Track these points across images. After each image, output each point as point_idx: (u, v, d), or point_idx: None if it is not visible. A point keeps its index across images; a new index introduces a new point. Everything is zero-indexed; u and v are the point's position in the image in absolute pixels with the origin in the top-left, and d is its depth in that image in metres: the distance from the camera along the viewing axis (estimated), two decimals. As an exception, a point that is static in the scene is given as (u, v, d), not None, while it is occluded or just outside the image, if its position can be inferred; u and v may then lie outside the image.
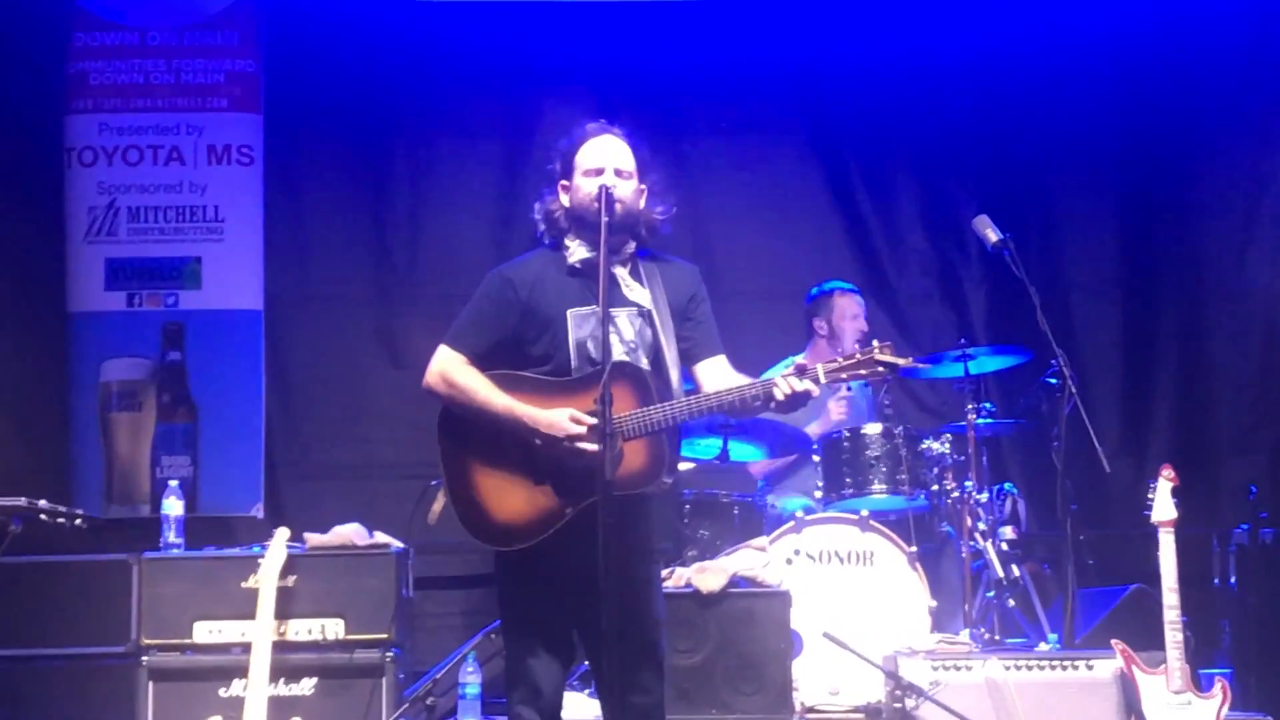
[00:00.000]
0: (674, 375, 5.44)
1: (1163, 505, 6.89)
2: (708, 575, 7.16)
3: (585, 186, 5.46)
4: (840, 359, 5.31)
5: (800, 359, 7.00)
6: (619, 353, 5.32)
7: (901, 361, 5.31)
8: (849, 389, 8.80)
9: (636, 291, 5.50)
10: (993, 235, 7.80)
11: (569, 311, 5.45)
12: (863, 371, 5.32)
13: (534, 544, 5.34)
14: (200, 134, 9.11)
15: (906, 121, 9.86)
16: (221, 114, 9.15)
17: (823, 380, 5.27)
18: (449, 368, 5.48)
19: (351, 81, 9.50)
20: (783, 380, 5.22)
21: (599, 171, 5.47)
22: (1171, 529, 6.85)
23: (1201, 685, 6.75)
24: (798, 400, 5.26)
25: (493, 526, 5.40)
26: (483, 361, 5.47)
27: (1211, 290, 9.63)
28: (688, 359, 5.57)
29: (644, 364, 5.40)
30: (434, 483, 6.06)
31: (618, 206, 5.35)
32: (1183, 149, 9.78)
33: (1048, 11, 9.67)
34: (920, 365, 5.70)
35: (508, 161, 9.37)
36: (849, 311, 8.85)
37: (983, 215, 7.91)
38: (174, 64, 9.15)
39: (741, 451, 8.27)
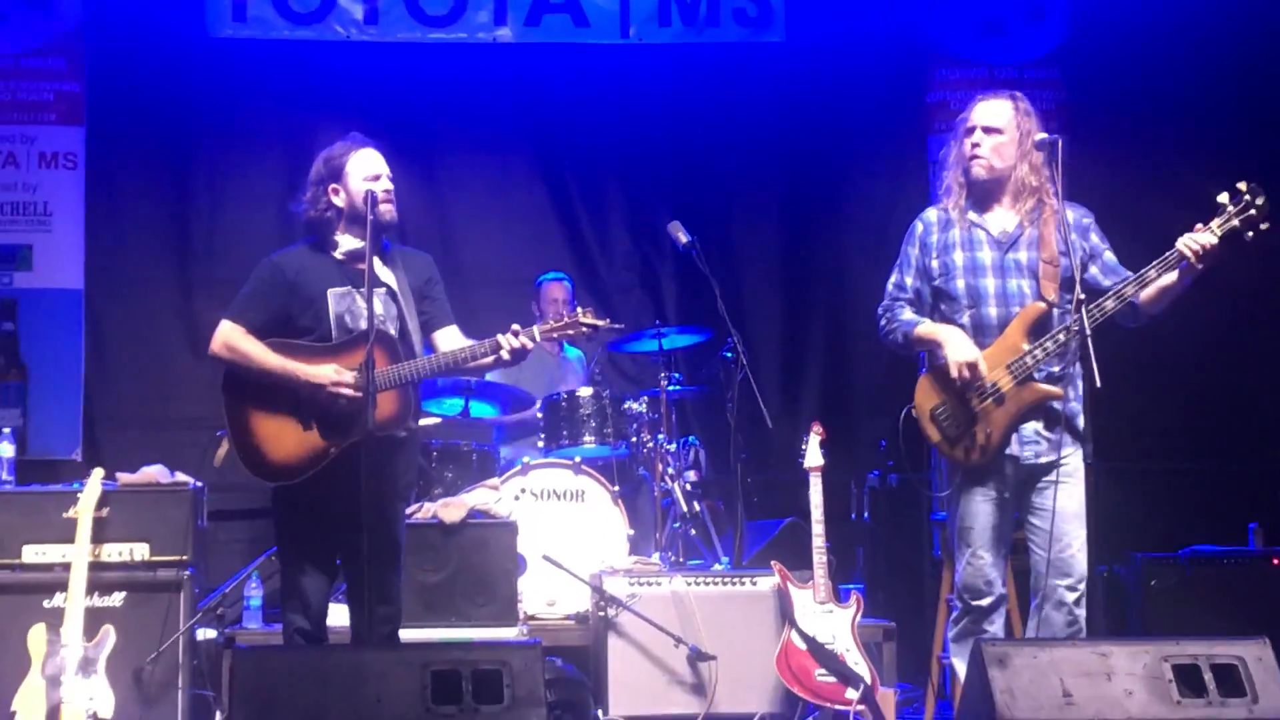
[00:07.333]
0: (416, 341, 5.48)
1: (813, 455, 6.91)
2: (450, 509, 7.12)
3: (362, 189, 5.41)
4: (551, 320, 5.43)
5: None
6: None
7: (601, 323, 5.40)
8: (562, 349, 8.93)
9: (386, 275, 5.49)
10: (683, 237, 7.77)
11: (329, 291, 5.44)
12: (570, 331, 5.41)
13: (304, 479, 5.30)
14: (33, 143, 9.09)
15: (616, 144, 9.94)
16: (51, 126, 9.13)
17: (538, 338, 5.33)
18: (230, 337, 5.42)
19: (161, 100, 9.49)
20: (504, 338, 5.29)
21: (377, 177, 5.46)
22: (819, 474, 6.90)
23: (841, 597, 6.81)
24: (518, 355, 5.30)
25: (269, 465, 5.36)
26: (259, 333, 5.41)
27: (852, 288, 9.63)
28: (426, 328, 5.58)
29: (392, 332, 5.41)
30: (219, 433, 5.87)
31: (389, 206, 5.41)
32: (834, 176, 9.98)
33: (726, 69, 9.90)
34: (616, 327, 5.61)
35: (288, 170, 8.98)
36: (553, 295, 8.91)
37: (676, 221, 7.88)
38: (10, 84, 9.15)
39: (479, 409, 8.27)
